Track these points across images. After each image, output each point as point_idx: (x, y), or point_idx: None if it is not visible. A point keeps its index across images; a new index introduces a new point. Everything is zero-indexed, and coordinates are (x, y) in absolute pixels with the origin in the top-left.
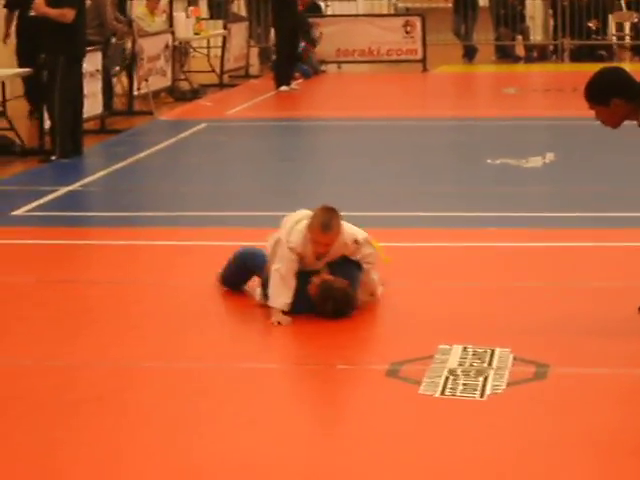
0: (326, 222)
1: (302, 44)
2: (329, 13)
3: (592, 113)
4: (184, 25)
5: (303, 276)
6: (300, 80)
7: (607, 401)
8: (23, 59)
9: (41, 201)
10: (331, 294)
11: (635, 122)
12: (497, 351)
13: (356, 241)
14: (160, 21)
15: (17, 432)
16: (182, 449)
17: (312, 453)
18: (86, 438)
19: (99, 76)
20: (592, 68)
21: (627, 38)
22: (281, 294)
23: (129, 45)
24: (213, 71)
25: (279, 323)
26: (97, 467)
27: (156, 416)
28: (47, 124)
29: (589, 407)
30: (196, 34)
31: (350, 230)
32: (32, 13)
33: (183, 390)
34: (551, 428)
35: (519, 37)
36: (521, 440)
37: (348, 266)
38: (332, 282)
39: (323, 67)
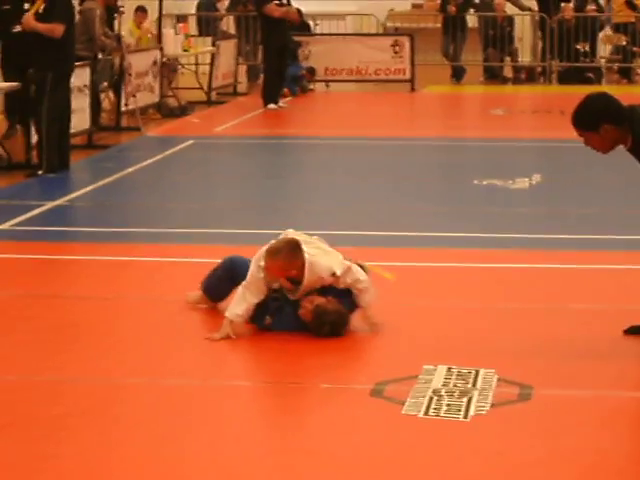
0: (274, 248)
1: (302, 67)
2: (318, 32)
3: (579, 137)
4: (173, 42)
5: (290, 301)
6: (288, 98)
7: (591, 423)
8: (8, 75)
9: (27, 215)
10: (327, 319)
11: (623, 146)
12: (481, 372)
13: (334, 274)
14: (146, 38)
15: (2, 446)
16: (166, 464)
17: (294, 471)
18: (71, 452)
19: (87, 91)
20: (580, 90)
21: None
22: (236, 306)
23: (117, 61)
24: (201, 88)
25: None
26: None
27: (141, 431)
28: (34, 139)
29: (573, 429)
30: (185, 51)
31: (327, 264)
32: (18, 29)
33: (167, 406)
34: (535, 450)
35: (507, 58)
36: (505, 461)
37: (337, 289)
38: (325, 305)
39: (311, 86)
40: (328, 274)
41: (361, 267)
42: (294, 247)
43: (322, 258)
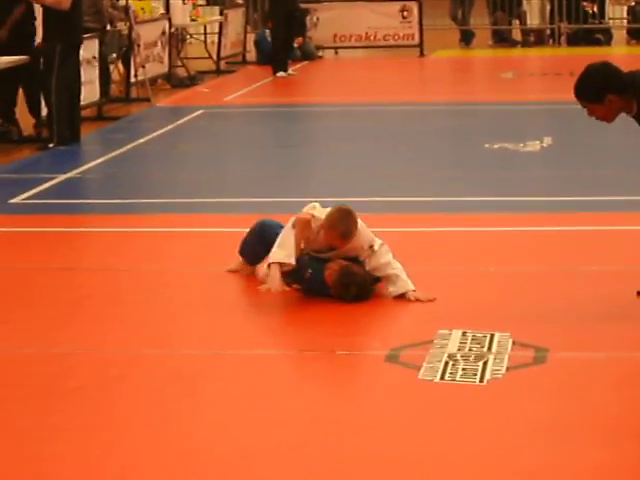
0: (346, 229)
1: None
2: None
3: (583, 108)
4: (181, 11)
5: (314, 260)
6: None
7: (607, 385)
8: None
9: (39, 189)
10: (353, 279)
11: (626, 113)
12: (496, 336)
13: (371, 247)
14: (149, 8)
15: (15, 418)
16: (182, 435)
17: (311, 438)
18: (84, 424)
19: (96, 63)
20: (589, 52)
21: (624, 22)
22: (282, 249)
23: (125, 32)
24: (210, 57)
25: (269, 290)
26: (95, 453)
27: (156, 402)
28: (44, 112)
29: (589, 391)
30: (193, 20)
31: (369, 235)
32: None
33: (182, 377)
34: (551, 412)
35: (516, 21)
36: (521, 424)
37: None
38: (352, 267)
39: (320, 53)
40: (367, 245)
41: None
42: (356, 219)
43: (365, 229)
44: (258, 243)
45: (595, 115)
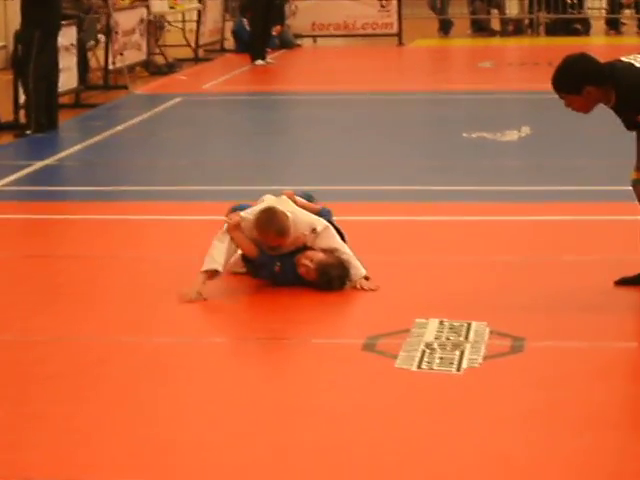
0: (279, 227)
1: None
2: None
3: (560, 99)
4: None
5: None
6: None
7: (584, 374)
8: None
9: (16, 175)
10: (334, 273)
11: (603, 103)
12: (473, 325)
13: (314, 230)
14: None
15: None
16: (158, 422)
17: (286, 427)
18: (61, 412)
19: (74, 50)
20: (567, 42)
21: (603, 12)
22: (216, 257)
23: (103, 19)
24: (188, 45)
25: (184, 296)
26: (72, 440)
27: (132, 390)
28: (22, 98)
29: (566, 381)
30: (171, 8)
31: (307, 219)
32: None
33: (158, 364)
34: (528, 402)
35: (494, 11)
36: (498, 413)
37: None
38: (327, 260)
39: (298, 41)
40: (309, 230)
41: (341, 236)
42: (286, 216)
43: (301, 215)
44: None
45: (573, 106)
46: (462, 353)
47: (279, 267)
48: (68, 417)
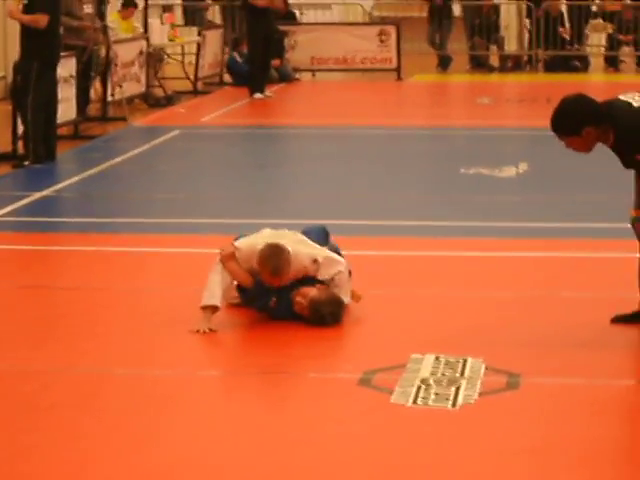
0: (276, 266)
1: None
2: (304, 21)
3: (560, 140)
4: (159, 31)
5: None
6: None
7: (580, 411)
8: None
9: (14, 206)
10: (325, 310)
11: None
12: (469, 361)
13: (315, 261)
14: (132, 28)
15: None
16: (153, 456)
17: (282, 461)
18: (58, 443)
19: (73, 81)
20: (566, 79)
21: (602, 49)
22: (214, 292)
23: (103, 51)
24: (187, 78)
25: (205, 331)
26: (68, 471)
27: (127, 422)
28: (20, 129)
29: (561, 417)
30: (171, 40)
31: (307, 251)
32: None
33: (155, 397)
34: (523, 438)
35: (493, 47)
36: (493, 450)
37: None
38: (320, 297)
39: (297, 75)
40: (310, 261)
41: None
42: (286, 254)
43: (301, 247)
44: None
45: (572, 147)
46: (458, 389)
47: (274, 302)
48: (66, 448)
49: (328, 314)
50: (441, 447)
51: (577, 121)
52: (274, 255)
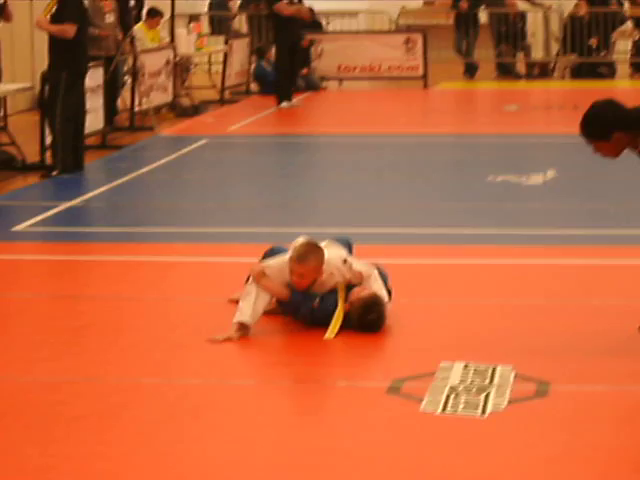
0: (302, 254)
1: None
2: (330, 30)
3: (588, 145)
4: (185, 41)
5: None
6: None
7: (609, 419)
8: None
9: (42, 216)
10: (377, 309)
11: (630, 148)
12: (498, 368)
13: (345, 260)
14: (158, 38)
15: (15, 447)
16: (183, 465)
17: (311, 470)
18: (85, 454)
19: (101, 92)
20: (593, 85)
21: (628, 55)
22: (246, 310)
23: (130, 61)
24: (214, 87)
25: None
26: None
27: (157, 432)
28: (48, 139)
29: (591, 425)
30: (197, 50)
31: (337, 252)
32: None
33: (183, 407)
34: (553, 446)
35: (520, 54)
36: (523, 458)
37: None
38: (378, 296)
39: (324, 84)
40: (340, 262)
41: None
42: (319, 250)
43: (330, 249)
44: None
45: (601, 152)
46: (487, 397)
47: (318, 303)
48: (93, 459)
49: (378, 318)
50: (471, 455)
51: (607, 126)
52: (305, 245)
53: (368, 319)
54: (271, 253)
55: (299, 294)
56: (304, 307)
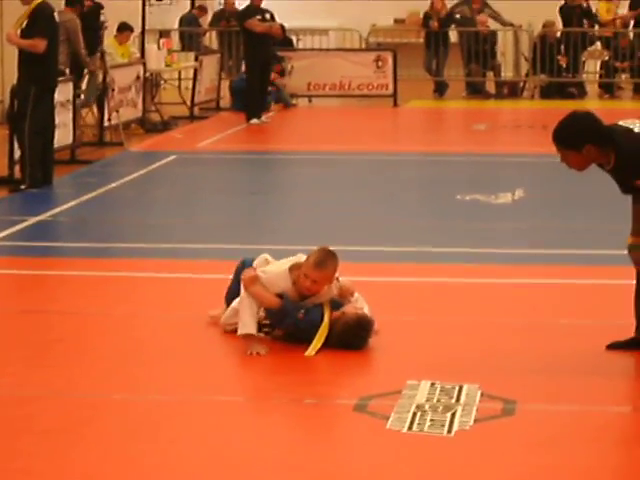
0: (321, 260)
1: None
2: (300, 47)
3: (557, 152)
4: (155, 57)
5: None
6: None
7: (576, 438)
8: None
9: (10, 231)
10: (367, 328)
11: (598, 165)
12: (465, 387)
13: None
14: (128, 53)
15: None
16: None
17: None
18: (52, 468)
19: (70, 106)
20: (562, 105)
21: (597, 76)
22: (248, 321)
23: (100, 76)
24: (184, 103)
25: (258, 353)
26: None
27: (123, 447)
28: (17, 153)
29: (557, 444)
30: (167, 66)
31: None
32: None
33: (150, 422)
34: (519, 465)
35: (490, 73)
36: (489, 477)
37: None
38: (366, 317)
39: (294, 101)
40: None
41: None
42: (336, 259)
43: None
44: (235, 281)
45: (568, 162)
46: (453, 415)
47: (303, 314)
48: (58, 473)
49: (366, 332)
50: (437, 473)
51: (580, 137)
52: (323, 252)
53: (357, 337)
54: (242, 267)
55: (290, 303)
56: (289, 318)
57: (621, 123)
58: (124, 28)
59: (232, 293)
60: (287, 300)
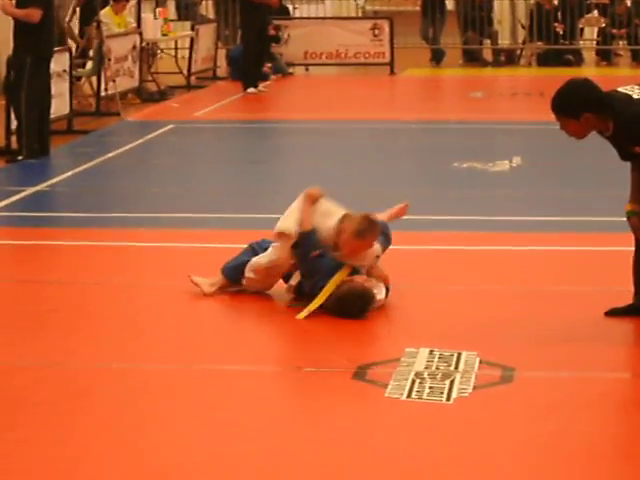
0: (363, 230)
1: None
2: (297, 15)
3: (556, 120)
4: (152, 26)
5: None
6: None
7: (575, 405)
8: None
9: (7, 201)
10: (354, 310)
11: (597, 132)
12: (463, 354)
13: (377, 257)
14: (124, 22)
15: None
16: (147, 450)
17: (276, 455)
18: (50, 438)
19: (66, 76)
20: (559, 72)
21: (594, 43)
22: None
23: (97, 46)
24: (180, 72)
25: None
26: (60, 467)
27: (122, 417)
28: (14, 124)
29: (556, 411)
30: (164, 35)
31: (378, 247)
32: None
33: (148, 391)
34: (518, 431)
35: (487, 41)
36: (488, 443)
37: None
38: (350, 292)
39: (290, 69)
40: (375, 255)
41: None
42: (376, 225)
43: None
44: (245, 256)
45: (567, 130)
46: (452, 383)
47: (318, 254)
48: (56, 444)
49: (359, 308)
50: (436, 440)
51: (579, 105)
52: (365, 221)
53: (355, 306)
54: (251, 249)
55: (317, 238)
56: (306, 250)
57: (620, 89)
58: None
59: (234, 265)
60: (314, 232)
